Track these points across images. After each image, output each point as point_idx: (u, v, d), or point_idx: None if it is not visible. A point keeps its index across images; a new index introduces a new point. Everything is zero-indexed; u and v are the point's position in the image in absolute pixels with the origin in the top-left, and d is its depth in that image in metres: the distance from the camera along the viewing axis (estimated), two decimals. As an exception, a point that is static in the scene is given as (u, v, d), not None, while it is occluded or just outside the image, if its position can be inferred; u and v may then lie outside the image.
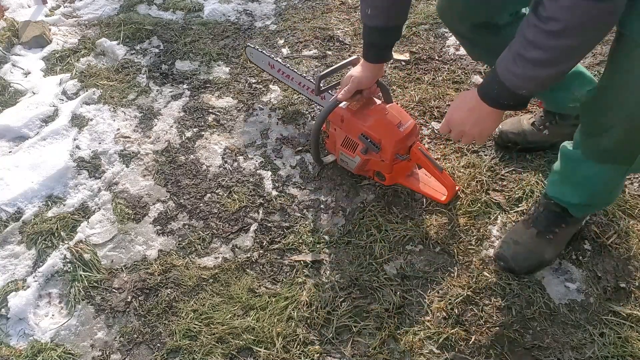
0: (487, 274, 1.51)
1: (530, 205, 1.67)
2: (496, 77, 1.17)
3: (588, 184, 1.41)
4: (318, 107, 2.08)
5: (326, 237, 1.65)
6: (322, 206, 1.75)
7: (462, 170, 1.80)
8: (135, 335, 1.45)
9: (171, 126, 2.07)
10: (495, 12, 1.48)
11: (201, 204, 1.78)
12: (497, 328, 1.40)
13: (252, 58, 2.18)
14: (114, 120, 2.10)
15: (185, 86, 2.25)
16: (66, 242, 1.66)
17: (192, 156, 1.95)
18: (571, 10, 0.99)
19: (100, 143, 2.01)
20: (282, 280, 1.55)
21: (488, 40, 1.51)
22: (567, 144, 1.44)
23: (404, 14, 1.52)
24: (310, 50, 2.41)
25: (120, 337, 1.45)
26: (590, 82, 1.61)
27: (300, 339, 1.40)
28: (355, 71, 1.63)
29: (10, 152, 1.99)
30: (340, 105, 1.67)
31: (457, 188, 1.69)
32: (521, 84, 1.14)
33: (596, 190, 1.42)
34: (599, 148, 1.31)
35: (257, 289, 1.52)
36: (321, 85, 1.79)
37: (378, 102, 1.71)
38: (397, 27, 1.53)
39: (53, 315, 1.51)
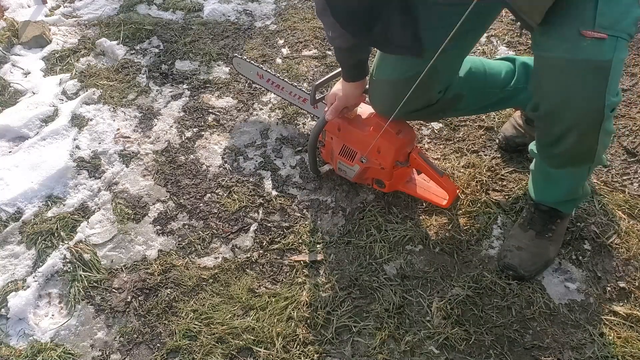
0: (487, 274, 1.51)
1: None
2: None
3: (560, 183, 1.44)
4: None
5: (326, 237, 1.65)
6: (322, 206, 1.75)
7: (462, 170, 1.80)
8: (135, 335, 1.45)
9: (171, 126, 2.07)
10: (428, 100, 1.52)
11: (201, 204, 1.78)
12: (497, 328, 1.40)
13: (239, 69, 2.11)
14: (114, 120, 2.10)
15: (185, 86, 2.25)
16: (66, 242, 1.66)
17: (192, 156, 1.95)
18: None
19: (100, 143, 2.01)
20: (282, 280, 1.55)
21: (422, 113, 1.60)
22: (532, 145, 1.46)
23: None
24: (310, 50, 2.41)
25: (120, 337, 1.45)
26: None
27: (300, 339, 1.40)
28: (339, 89, 1.60)
29: (10, 152, 1.99)
30: None
31: (458, 191, 1.69)
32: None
33: (570, 187, 1.45)
34: (556, 155, 1.32)
35: (257, 289, 1.52)
36: (316, 95, 1.75)
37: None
38: (361, 43, 1.51)
39: (53, 315, 1.51)
